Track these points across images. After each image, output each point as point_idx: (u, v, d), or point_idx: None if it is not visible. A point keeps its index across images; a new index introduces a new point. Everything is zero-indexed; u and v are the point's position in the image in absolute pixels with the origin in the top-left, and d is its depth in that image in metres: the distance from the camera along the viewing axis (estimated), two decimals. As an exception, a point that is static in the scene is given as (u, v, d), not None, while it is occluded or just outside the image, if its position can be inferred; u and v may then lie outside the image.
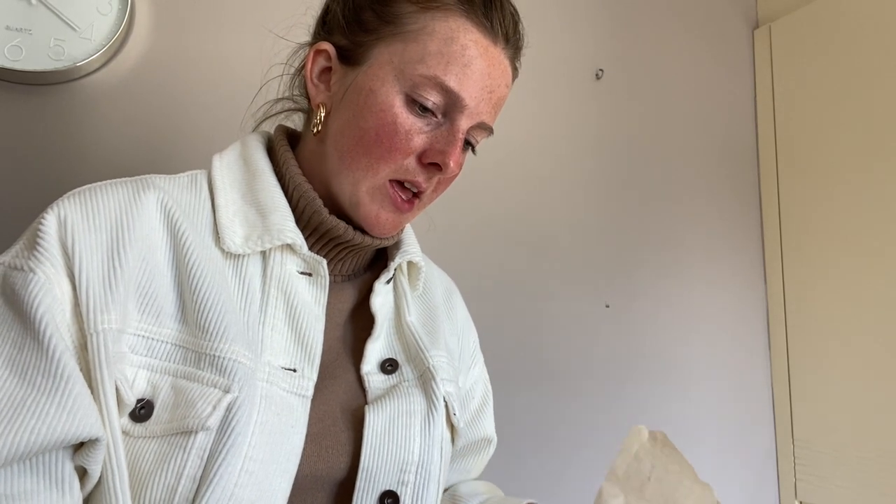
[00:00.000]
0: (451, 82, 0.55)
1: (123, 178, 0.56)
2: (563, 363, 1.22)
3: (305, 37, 0.70)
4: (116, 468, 0.47)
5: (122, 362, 0.49)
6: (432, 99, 0.56)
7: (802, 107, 1.41)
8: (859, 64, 1.30)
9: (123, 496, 0.46)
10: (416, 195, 0.60)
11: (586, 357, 1.24)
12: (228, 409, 0.48)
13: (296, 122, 0.71)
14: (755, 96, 1.52)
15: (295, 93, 0.70)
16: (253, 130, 0.69)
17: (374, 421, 0.57)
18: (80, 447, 0.47)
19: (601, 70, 1.34)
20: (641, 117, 1.37)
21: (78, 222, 0.50)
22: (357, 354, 0.63)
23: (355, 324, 0.65)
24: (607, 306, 1.27)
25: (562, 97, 1.30)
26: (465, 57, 0.56)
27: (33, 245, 0.49)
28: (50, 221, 0.50)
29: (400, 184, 0.59)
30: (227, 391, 0.49)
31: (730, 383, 1.36)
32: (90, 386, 0.47)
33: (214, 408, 0.48)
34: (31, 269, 0.47)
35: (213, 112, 0.99)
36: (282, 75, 0.71)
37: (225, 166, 0.61)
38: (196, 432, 0.47)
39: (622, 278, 1.30)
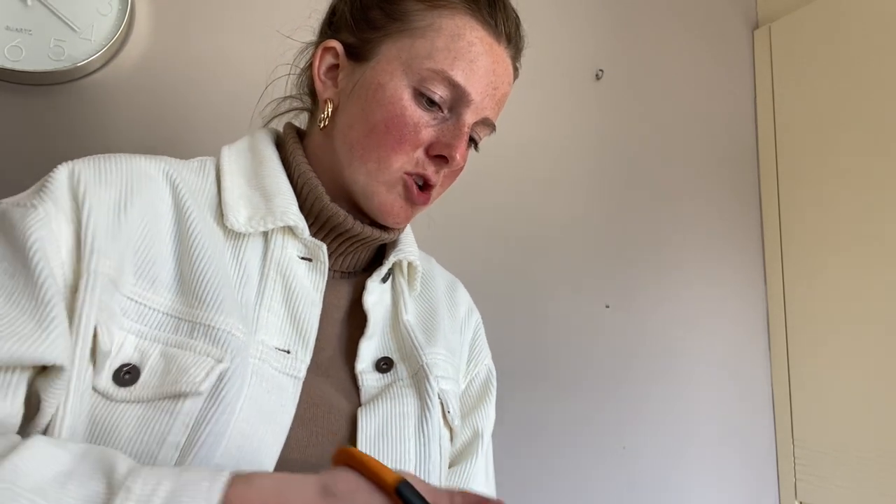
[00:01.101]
0: (459, 77, 0.57)
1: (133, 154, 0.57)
2: (563, 363, 1.22)
3: (309, 37, 0.71)
4: (64, 410, 0.46)
5: (111, 319, 0.49)
6: (439, 93, 0.58)
7: (802, 107, 1.41)
8: (859, 64, 1.30)
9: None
10: (427, 188, 0.61)
11: (586, 357, 1.24)
12: (220, 378, 0.49)
13: (301, 122, 0.71)
14: (755, 96, 1.52)
15: (303, 91, 0.70)
16: (260, 128, 0.69)
17: (367, 424, 0.57)
18: (41, 373, 0.47)
19: (601, 70, 1.34)
20: (641, 117, 1.38)
21: (90, 177, 0.52)
22: (352, 353, 0.63)
23: (351, 322, 0.65)
24: (607, 306, 1.27)
25: (562, 97, 1.30)
26: (472, 53, 0.58)
27: (40, 188, 0.50)
28: (61, 172, 0.51)
29: (412, 176, 0.60)
30: (219, 361, 0.49)
31: (730, 383, 1.37)
32: (70, 323, 0.47)
33: (207, 374, 0.48)
34: (33, 206, 0.49)
35: (214, 112, 1.00)
36: (289, 74, 0.71)
37: (233, 154, 0.62)
38: (186, 397, 0.48)
39: (622, 278, 1.30)
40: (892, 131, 1.23)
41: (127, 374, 0.49)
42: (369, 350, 0.63)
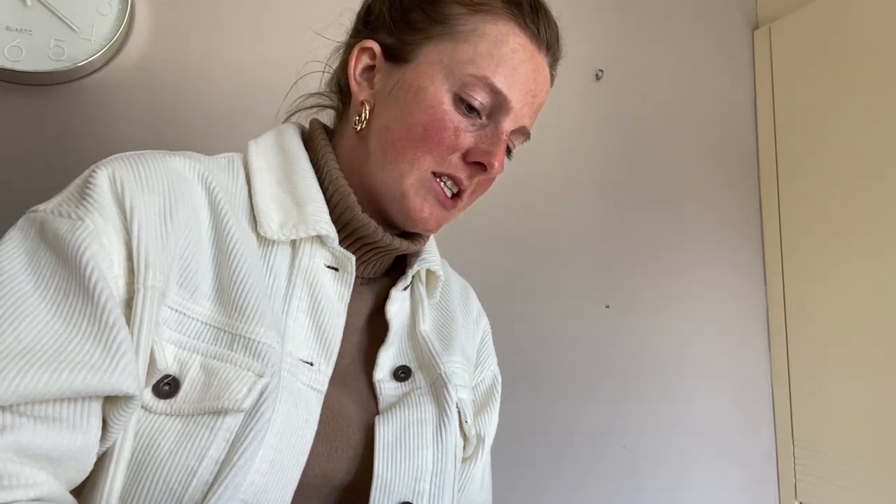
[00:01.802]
0: (500, 83, 0.57)
1: (163, 150, 0.55)
2: (562, 363, 1.22)
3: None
4: (125, 433, 0.45)
5: (156, 332, 0.48)
6: (479, 99, 0.57)
7: (802, 107, 1.41)
8: (859, 65, 1.30)
9: (123, 463, 0.45)
10: (457, 194, 0.60)
11: (586, 357, 1.24)
12: (261, 394, 0.48)
13: (323, 118, 0.70)
14: (755, 97, 1.52)
15: (332, 89, 0.69)
16: (283, 122, 0.68)
17: (385, 432, 0.56)
18: (109, 399, 0.44)
19: (601, 70, 1.34)
20: (641, 118, 1.37)
21: (132, 182, 0.49)
22: (370, 361, 0.62)
23: (370, 330, 0.64)
24: (607, 307, 1.27)
25: (562, 97, 1.30)
26: (514, 60, 0.57)
27: (82, 196, 0.47)
28: (102, 177, 0.48)
29: (442, 178, 0.59)
30: (260, 375, 0.48)
31: (730, 383, 1.36)
32: None
33: (249, 390, 0.48)
34: (80, 217, 0.46)
35: (214, 112, 1.00)
36: (323, 72, 0.71)
37: (261, 151, 0.60)
38: (227, 413, 0.47)
39: (622, 279, 1.30)
40: (892, 131, 1.23)
41: (166, 386, 0.47)
42: (388, 358, 0.62)
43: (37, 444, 0.39)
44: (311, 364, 0.55)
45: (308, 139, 0.64)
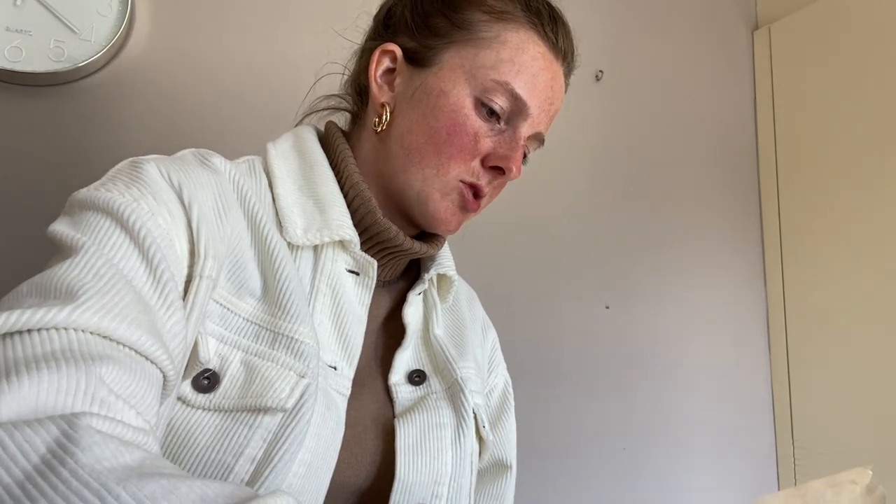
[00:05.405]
0: (521, 90, 0.58)
1: (190, 149, 0.55)
2: (562, 364, 1.22)
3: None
4: (157, 420, 0.43)
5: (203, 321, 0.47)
6: (500, 104, 0.58)
7: (802, 108, 1.41)
8: (859, 65, 1.30)
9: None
10: (477, 197, 0.61)
11: (586, 358, 1.24)
12: (302, 395, 0.48)
13: (335, 121, 0.70)
14: (755, 98, 1.52)
15: (347, 91, 0.70)
16: (297, 125, 0.68)
17: (405, 434, 0.57)
18: None
19: (601, 71, 1.34)
20: (641, 119, 1.37)
21: (182, 176, 0.49)
22: (385, 364, 0.62)
23: (386, 332, 0.65)
24: (607, 307, 1.27)
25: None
26: (535, 67, 0.59)
27: (132, 179, 0.47)
28: (149, 166, 0.48)
29: (466, 185, 0.60)
30: (302, 376, 0.49)
31: (730, 384, 1.37)
32: None
33: (292, 390, 0.48)
34: (135, 199, 0.45)
35: (214, 112, 0.99)
36: (343, 73, 0.71)
37: (280, 155, 0.61)
38: (268, 412, 0.47)
39: (622, 279, 1.30)
40: (891, 131, 1.23)
41: (206, 380, 0.48)
42: (403, 362, 0.63)
43: (135, 383, 0.37)
44: (335, 368, 0.55)
45: (325, 141, 0.65)
